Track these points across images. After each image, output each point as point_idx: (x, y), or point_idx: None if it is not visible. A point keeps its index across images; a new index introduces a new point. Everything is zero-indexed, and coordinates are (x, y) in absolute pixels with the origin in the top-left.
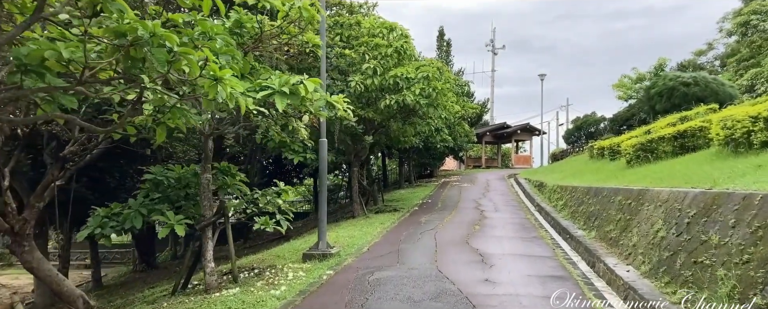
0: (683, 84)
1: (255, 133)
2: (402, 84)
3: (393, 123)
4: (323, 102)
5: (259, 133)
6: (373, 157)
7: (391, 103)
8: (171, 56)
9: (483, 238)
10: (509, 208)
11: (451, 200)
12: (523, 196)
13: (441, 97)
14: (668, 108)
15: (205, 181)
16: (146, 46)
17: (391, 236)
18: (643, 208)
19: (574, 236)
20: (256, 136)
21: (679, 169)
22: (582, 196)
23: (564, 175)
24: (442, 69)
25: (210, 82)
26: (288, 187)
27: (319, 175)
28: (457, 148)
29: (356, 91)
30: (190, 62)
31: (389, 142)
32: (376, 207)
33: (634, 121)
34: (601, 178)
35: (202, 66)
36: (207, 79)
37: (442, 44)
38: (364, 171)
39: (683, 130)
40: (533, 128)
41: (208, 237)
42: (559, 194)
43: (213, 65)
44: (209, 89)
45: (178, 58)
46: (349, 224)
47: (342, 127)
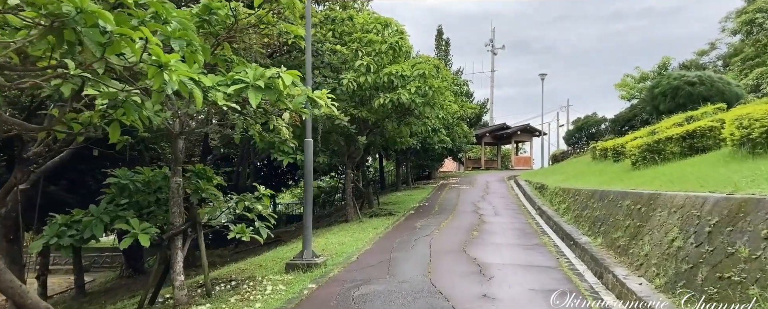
0: (688, 83)
1: (233, 132)
2: (397, 82)
3: (388, 123)
4: (304, 98)
5: (238, 132)
6: (371, 159)
7: (385, 102)
8: (106, 38)
9: (481, 246)
10: (509, 212)
11: (448, 203)
12: (523, 198)
13: (438, 96)
14: (672, 108)
15: (174, 186)
16: (76, 26)
17: (383, 243)
18: (656, 214)
19: (579, 243)
20: (235, 136)
21: (691, 171)
22: (586, 200)
23: (566, 176)
24: (439, 66)
25: (154, 70)
26: (269, 192)
27: (305, 178)
28: (456, 150)
29: (349, 89)
30: (129, 45)
31: (385, 143)
32: (371, 210)
33: (637, 122)
34: (605, 181)
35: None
36: (149, 65)
37: (441, 43)
38: (360, 173)
39: (692, 130)
40: (533, 129)
41: (178, 247)
42: (562, 197)
43: (156, 49)
44: (154, 77)
45: (114, 38)
46: (341, 229)
47: (334, 127)
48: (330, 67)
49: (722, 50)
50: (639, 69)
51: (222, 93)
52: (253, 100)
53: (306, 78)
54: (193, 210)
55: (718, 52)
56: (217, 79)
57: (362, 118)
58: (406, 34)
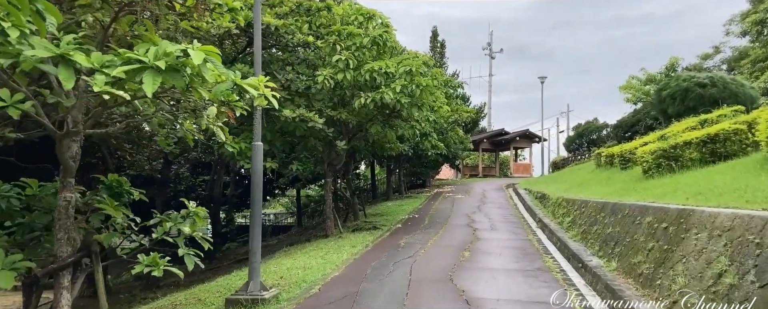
0: (699, 85)
1: (138, 129)
2: (380, 80)
3: (371, 126)
4: (229, 85)
5: (160, 132)
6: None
7: (366, 103)
8: None
9: (472, 272)
10: (507, 226)
11: (440, 215)
12: (522, 209)
13: (426, 96)
14: (682, 111)
15: (63, 204)
16: None
17: (356, 267)
18: (690, 236)
19: (589, 267)
20: (158, 138)
21: (723, 181)
22: (595, 213)
23: (568, 185)
24: (428, 63)
25: None
26: (201, 209)
27: (252, 191)
28: (452, 156)
29: (325, 87)
30: None
31: (370, 149)
32: (355, 223)
33: (640, 127)
34: (614, 191)
35: None
36: None
37: (436, 45)
38: (345, 182)
39: (714, 134)
40: (533, 135)
41: (63, 286)
42: (566, 209)
43: None
44: None
45: None
46: (315, 247)
47: (310, 130)
48: (305, 63)
49: (727, 54)
50: (645, 70)
51: (104, 76)
52: (149, 87)
53: (255, 67)
54: (88, 235)
55: (722, 55)
56: (107, 58)
57: (342, 121)
58: (392, 28)
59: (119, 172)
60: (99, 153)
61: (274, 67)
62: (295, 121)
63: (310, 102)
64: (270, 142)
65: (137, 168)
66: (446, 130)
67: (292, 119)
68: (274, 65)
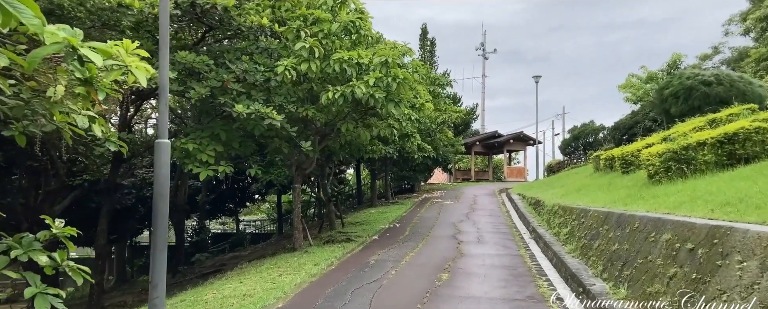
0: (704, 83)
1: None
2: (351, 72)
3: (343, 124)
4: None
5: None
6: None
7: (335, 97)
8: None
9: (448, 303)
10: (497, 238)
11: (424, 224)
12: (515, 216)
13: (404, 90)
14: (685, 111)
15: None
16: None
17: (307, 295)
18: (730, 263)
19: (592, 293)
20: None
21: (753, 189)
22: (597, 225)
23: (565, 190)
24: (408, 53)
25: None
26: (70, 230)
27: (154, 204)
28: (442, 160)
29: (286, 79)
30: None
31: (348, 151)
32: (328, 234)
33: (639, 130)
34: (618, 198)
35: None
36: None
37: (426, 43)
38: (323, 186)
39: (732, 134)
40: (527, 137)
41: None
42: (562, 217)
43: None
44: None
45: None
46: (274, 265)
47: (271, 129)
48: (267, 52)
49: (726, 55)
50: (645, 68)
51: None
52: None
53: (160, 47)
54: None
55: (721, 56)
56: None
57: (309, 119)
58: (368, 15)
59: (72, 177)
60: (47, 157)
61: (229, 56)
62: (252, 119)
63: (270, 97)
64: (226, 142)
65: (92, 173)
66: (434, 132)
67: (247, 116)
68: (228, 55)
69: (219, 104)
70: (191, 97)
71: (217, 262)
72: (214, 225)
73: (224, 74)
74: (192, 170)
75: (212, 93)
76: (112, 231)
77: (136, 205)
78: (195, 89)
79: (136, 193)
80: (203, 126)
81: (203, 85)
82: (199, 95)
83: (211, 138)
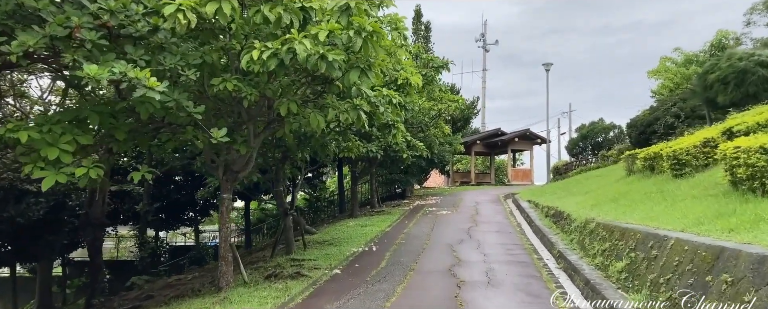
0: (762, 64)
1: None
2: (291, 19)
3: (280, 104)
4: None
5: None
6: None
7: (264, 58)
8: None
9: None
10: (514, 273)
11: (410, 247)
12: (530, 233)
13: (374, 51)
14: (737, 99)
15: None
16: None
17: None
18: None
19: None
20: None
21: None
22: (696, 266)
23: (594, 199)
24: (386, 3)
25: None
26: None
27: None
28: (438, 160)
29: (181, 27)
30: None
31: (309, 148)
32: (277, 262)
33: (659, 127)
34: (702, 216)
35: None
36: None
37: (419, 27)
38: (278, 193)
39: None
40: (534, 136)
41: None
42: (609, 242)
43: None
44: None
45: None
46: None
47: (165, 110)
48: None
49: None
50: (679, 50)
51: None
52: None
53: None
54: None
55: (743, 48)
56: None
57: (228, 93)
58: None
59: None
60: None
61: None
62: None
63: (157, 57)
64: (99, 131)
65: None
66: (427, 126)
67: (108, 83)
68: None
69: (64, 65)
70: (11, 51)
71: (144, 293)
72: (177, 236)
73: (76, 17)
74: (31, 175)
75: (53, 46)
76: (25, 249)
77: (56, 216)
78: (19, 38)
79: (47, 201)
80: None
81: (36, 33)
82: (23, 48)
83: (74, 124)
